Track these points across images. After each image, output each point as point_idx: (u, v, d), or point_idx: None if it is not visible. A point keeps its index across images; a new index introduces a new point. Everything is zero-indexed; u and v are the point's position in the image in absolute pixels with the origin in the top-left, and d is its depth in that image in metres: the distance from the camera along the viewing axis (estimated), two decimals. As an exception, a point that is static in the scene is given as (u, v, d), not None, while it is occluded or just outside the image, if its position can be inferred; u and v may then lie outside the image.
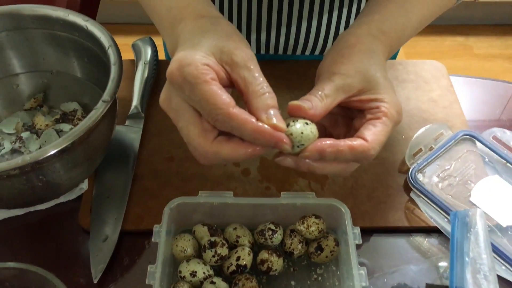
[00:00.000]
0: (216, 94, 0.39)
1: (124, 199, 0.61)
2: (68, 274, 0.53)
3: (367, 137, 0.43)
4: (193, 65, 0.40)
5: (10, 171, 0.48)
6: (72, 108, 0.68)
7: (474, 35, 2.29)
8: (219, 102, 0.39)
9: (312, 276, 0.56)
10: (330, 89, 0.44)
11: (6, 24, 0.62)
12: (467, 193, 0.62)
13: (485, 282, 0.48)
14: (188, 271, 0.52)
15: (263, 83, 0.41)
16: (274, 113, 0.41)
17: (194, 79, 0.40)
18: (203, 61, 0.40)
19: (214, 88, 0.39)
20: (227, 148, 0.41)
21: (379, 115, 0.44)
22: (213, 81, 0.40)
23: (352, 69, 0.45)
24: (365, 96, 0.45)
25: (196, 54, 0.41)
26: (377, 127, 0.43)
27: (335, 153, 0.42)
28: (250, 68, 0.41)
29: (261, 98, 0.41)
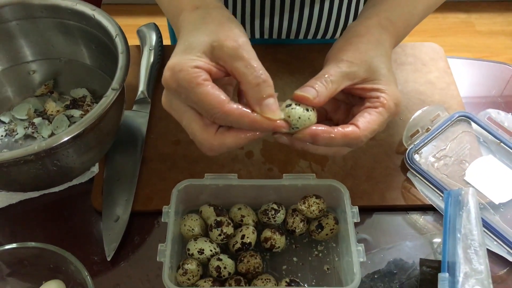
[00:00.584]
0: (210, 94, 0.41)
1: (134, 181, 0.63)
2: (82, 252, 0.56)
3: (359, 124, 0.44)
4: (184, 71, 0.42)
5: (26, 157, 0.51)
6: (81, 94, 0.70)
7: (476, 12, 2.28)
8: (214, 101, 0.41)
9: (313, 253, 0.59)
10: (336, 75, 0.46)
11: (17, 13, 0.64)
12: (462, 172, 0.65)
13: (475, 256, 0.51)
14: (196, 249, 0.55)
15: (256, 72, 0.42)
16: (267, 104, 0.42)
17: (187, 84, 0.41)
18: (193, 64, 0.42)
19: (207, 89, 0.41)
20: (229, 137, 0.44)
21: (377, 105, 0.46)
22: (206, 82, 0.42)
23: (359, 58, 0.47)
24: (367, 85, 0.47)
25: (186, 59, 0.42)
26: (372, 115, 0.45)
27: (327, 139, 0.44)
28: (242, 57, 0.42)
29: (254, 89, 0.42)
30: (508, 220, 0.60)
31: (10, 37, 0.66)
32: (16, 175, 0.55)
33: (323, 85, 0.45)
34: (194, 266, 0.54)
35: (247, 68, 0.42)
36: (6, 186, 0.59)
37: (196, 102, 0.42)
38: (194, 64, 0.42)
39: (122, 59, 0.58)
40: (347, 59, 0.46)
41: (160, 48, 0.76)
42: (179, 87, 0.42)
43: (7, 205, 0.62)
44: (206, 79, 0.42)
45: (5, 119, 0.69)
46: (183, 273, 0.54)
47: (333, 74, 0.46)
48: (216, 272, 0.54)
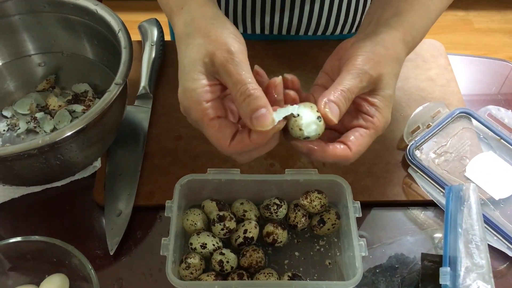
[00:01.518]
0: (214, 136, 0.44)
1: (136, 176, 0.64)
2: (85, 247, 0.56)
3: (352, 147, 0.45)
4: (193, 109, 0.44)
5: (30, 151, 0.51)
6: (83, 89, 0.70)
7: (474, 10, 2.29)
8: (220, 142, 0.44)
9: (315, 247, 0.59)
10: (356, 91, 0.45)
11: (20, 7, 0.64)
12: (462, 168, 0.65)
13: (476, 251, 0.51)
14: (199, 243, 0.56)
15: (243, 86, 0.42)
16: (256, 117, 0.42)
17: (198, 122, 0.45)
18: (201, 99, 0.44)
19: (212, 132, 0.44)
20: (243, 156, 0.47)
21: (369, 125, 0.46)
22: (214, 120, 0.44)
23: (378, 72, 0.46)
24: (368, 97, 0.47)
25: (192, 92, 0.44)
26: (364, 138, 0.46)
27: (320, 156, 0.45)
28: (230, 72, 0.43)
29: (241, 106, 0.43)
30: (508, 215, 0.61)
31: (13, 31, 0.66)
32: (19, 169, 0.56)
33: (345, 104, 0.45)
34: (197, 260, 0.54)
35: (234, 85, 0.43)
36: (9, 180, 0.59)
37: (206, 136, 0.46)
38: (199, 99, 0.44)
39: (125, 54, 0.58)
40: (369, 71, 0.46)
41: (161, 43, 0.76)
42: (192, 121, 0.46)
43: (9, 199, 0.62)
44: (212, 118, 0.44)
45: (7, 114, 0.69)
46: (186, 267, 0.54)
47: (354, 90, 0.45)
48: (219, 266, 0.54)
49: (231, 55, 0.43)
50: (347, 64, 0.46)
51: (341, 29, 0.84)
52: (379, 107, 0.47)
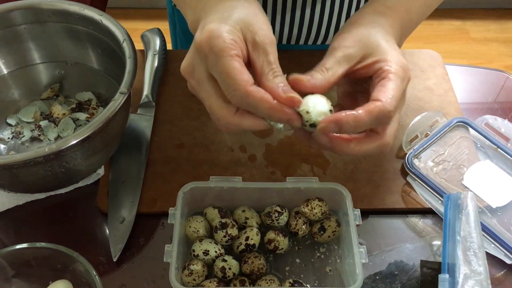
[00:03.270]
0: (237, 70, 0.41)
1: (139, 184, 0.64)
2: (88, 253, 0.56)
3: (380, 97, 0.43)
4: (221, 38, 0.42)
5: (36, 159, 0.52)
6: (87, 98, 0.71)
7: (471, 19, 2.31)
8: (239, 78, 0.41)
9: (316, 254, 0.60)
10: (330, 61, 0.45)
11: (26, 17, 0.65)
12: (460, 177, 0.66)
13: (474, 258, 0.52)
14: (201, 250, 0.56)
15: (277, 69, 0.43)
16: (288, 89, 0.43)
17: (220, 52, 0.42)
18: (231, 37, 0.42)
19: (236, 64, 0.41)
20: (248, 121, 0.44)
21: (384, 75, 0.44)
22: (237, 57, 0.42)
23: (351, 40, 0.46)
24: (368, 61, 0.46)
25: (226, 28, 0.43)
26: (386, 85, 0.44)
27: (353, 120, 0.42)
28: (268, 51, 0.43)
29: (274, 79, 0.43)
30: (505, 223, 0.62)
31: (19, 41, 0.67)
32: (25, 176, 0.56)
33: (318, 73, 0.45)
34: (200, 266, 0.55)
35: (269, 62, 0.43)
36: (14, 188, 0.60)
37: (220, 73, 0.42)
38: (232, 37, 0.42)
39: (130, 63, 0.59)
40: (339, 45, 0.46)
41: (164, 52, 0.77)
42: (211, 52, 0.42)
43: (14, 206, 0.63)
44: (238, 54, 0.42)
45: (12, 122, 0.69)
46: (189, 274, 0.55)
47: (328, 62, 0.45)
48: (221, 273, 0.55)
49: (271, 41, 0.44)
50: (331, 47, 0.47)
51: (332, 39, 0.85)
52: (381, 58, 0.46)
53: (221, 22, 0.44)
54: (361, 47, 0.46)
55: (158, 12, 0.53)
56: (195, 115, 0.73)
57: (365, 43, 0.46)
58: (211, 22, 0.44)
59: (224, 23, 0.43)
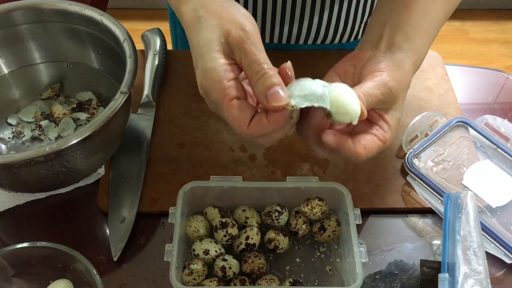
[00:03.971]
0: (234, 117, 0.44)
1: (139, 183, 0.65)
2: (89, 253, 0.56)
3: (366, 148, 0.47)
4: (213, 90, 0.44)
5: (37, 158, 0.52)
6: (87, 98, 0.71)
7: (470, 20, 2.31)
8: (236, 124, 0.44)
9: (316, 254, 0.60)
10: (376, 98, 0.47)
11: (27, 17, 0.65)
12: (459, 176, 0.66)
13: (474, 257, 0.52)
14: (202, 249, 0.56)
15: (259, 65, 0.43)
16: (270, 94, 0.43)
17: (219, 104, 0.45)
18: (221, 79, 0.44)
19: (232, 111, 0.44)
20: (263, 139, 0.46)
21: (381, 138, 0.48)
22: (232, 102, 0.44)
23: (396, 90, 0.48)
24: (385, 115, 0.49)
25: (212, 73, 0.44)
26: (374, 145, 0.48)
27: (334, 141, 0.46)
28: (245, 51, 0.44)
29: (258, 84, 0.43)
30: (505, 223, 0.62)
31: (19, 40, 0.67)
32: (25, 176, 0.56)
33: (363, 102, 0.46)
34: (200, 266, 0.55)
35: (250, 64, 0.44)
36: (14, 187, 0.60)
37: (223, 115, 0.45)
38: (219, 77, 0.44)
39: (130, 63, 0.59)
40: (391, 88, 0.48)
41: (164, 52, 0.77)
42: (213, 104, 0.46)
43: (14, 206, 0.63)
44: (233, 97, 0.44)
45: (12, 121, 0.70)
46: (189, 273, 0.55)
47: (374, 97, 0.47)
48: (222, 272, 0.55)
49: (246, 34, 0.44)
50: (372, 75, 0.48)
51: (340, 38, 0.85)
52: (391, 126, 0.49)
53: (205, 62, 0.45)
54: (392, 101, 0.49)
55: (159, 13, 0.53)
56: (196, 115, 0.73)
57: (397, 101, 0.49)
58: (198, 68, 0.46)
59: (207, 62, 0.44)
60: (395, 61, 0.50)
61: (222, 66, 0.44)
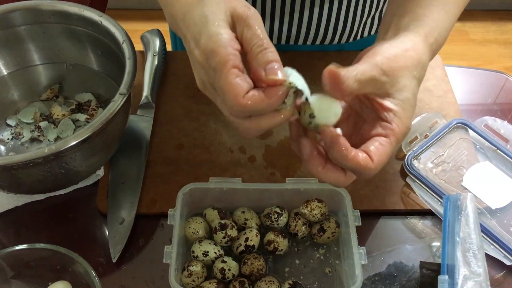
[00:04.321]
0: (232, 85, 0.41)
1: (138, 184, 0.64)
2: (88, 254, 0.56)
3: (373, 157, 0.43)
4: (216, 53, 0.42)
5: (36, 160, 0.52)
6: (86, 99, 0.71)
7: (470, 21, 2.31)
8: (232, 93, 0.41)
9: (315, 256, 0.60)
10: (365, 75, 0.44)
11: (26, 18, 0.65)
12: (459, 178, 0.66)
13: (473, 259, 0.52)
14: (201, 251, 0.56)
15: (262, 40, 0.42)
16: (270, 67, 0.41)
17: (219, 69, 0.42)
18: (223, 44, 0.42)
19: (231, 79, 0.41)
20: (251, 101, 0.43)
21: (388, 133, 0.44)
22: (232, 70, 0.42)
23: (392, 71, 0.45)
24: (386, 103, 0.45)
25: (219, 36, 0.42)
26: (384, 147, 0.44)
27: (341, 153, 0.42)
28: (250, 25, 0.43)
29: (258, 56, 0.42)
30: (505, 224, 0.62)
31: (18, 41, 0.67)
32: (25, 177, 0.56)
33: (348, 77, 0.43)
34: (199, 268, 0.55)
35: (252, 38, 0.43)
36: (13, 189, 0.60)
37: (221, 89, 0.43)
38: (225, 42, 0.42)
39: (130, 64, 0.59)
40: (382, 66, 0.45)
41: (163, 53, 0.77)
42: (210, 69, 0.44)
43: (13, 207, 0.63)
44: (234, 65, 0.42)
45: (11, 123, 0.70)
46: (188, 275, 0.55)
47: (362, 73, 0.44)
48: (221, 274, 0.55)
49: (251, 12, 0.43)
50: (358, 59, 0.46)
51: (339, 39, 0.85)
52: (397, 112, 0.45)
53: (212, 27, 0.43)
54: (393, 84, 0.45)
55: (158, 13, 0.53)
56: (195, 116, 0.73)
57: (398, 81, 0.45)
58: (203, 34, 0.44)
59: (214, 27, 0.43)
60: (392, 42, 0.47)
61: (229, 34, 0.43)
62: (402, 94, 0.45)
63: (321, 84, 0.45)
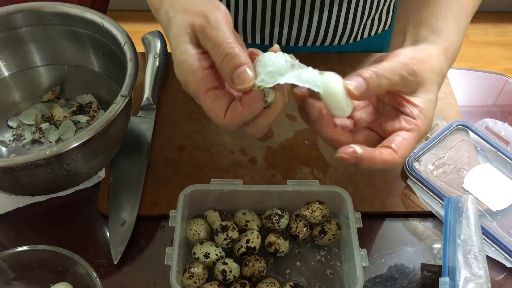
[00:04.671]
0: (210, 109, 0.43)
1: (139, 186, 0.64)
2: (89, 255, 0.56)
3: (397, 151, 0.44)
4: (189, 82, 0.44)
5: (38, 161, 0.52)
6: (87, 100, 0.71)
7: (470, 23, 2.29)
8: (213, 115, 0.43)
9: (316, 257, 0.60)
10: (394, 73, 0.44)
11: (28, 20, 0.65)
12: (460, 180, 0.66)
13: (475, 261, 0.52)
14: (202, 252, 0.56)
15: (221, 46, 0.42)
16: (236, 76, 0.41)
17: (196, 96, 0.44)
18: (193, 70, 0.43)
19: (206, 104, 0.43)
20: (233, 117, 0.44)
21: (412, 128, 0.45)
22: (207, 94, 0.43)
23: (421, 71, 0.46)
24: (411, 98, 0.46)
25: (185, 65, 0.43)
26: (408, 141, 0.45)
27: (369, 163, 0.44)
28: (208, 36, 0.43)
29: (222, 66, 0.42)
30: (505, 226, 0.62)
31: (20, 43, 0.67)
32: (26, 179, 0.56)
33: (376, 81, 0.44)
34: (200, 269, 0.55)
35: (213, 47, 0.43)
36: (15, 190, 0.60)
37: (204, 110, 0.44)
38: (192, 69, 0.43)
39: (131, 66, 0.59)
40: (412, 65, 0.45)
41: (164, 55, 0.77)
42: (193, 95, 0.45)
43: (14, 209, 0.63)
44: (208, 89, 0.43)
45: (12, 124, 0.70)
46: (190, 277, 0.55)
47: (390, 72, 0.44)
48: (222, 276, 0.55)
49: (207, 20, 0.43)
50: (392, 56, 0.46)
51: (339, 40, 0.85)
52: (423, 109, 0.46)
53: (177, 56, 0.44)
54: (420, 84, 0.46)
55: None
56: (196, 118, 0.73)
57: (424, 82, 0.46)
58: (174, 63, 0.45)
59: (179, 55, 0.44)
60: (416, 47, 0.48)
61: (193, 56, 0.43)
62: (428, 94, 0.47)
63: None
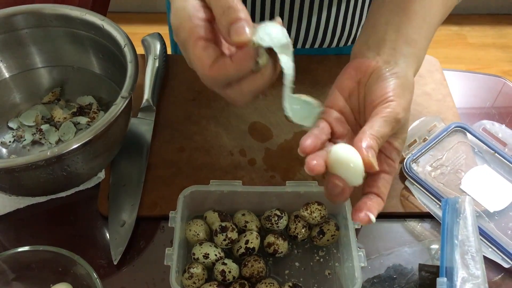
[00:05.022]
0: (197, 56, 0.42)
1: (139, 187, 0.65)
2: (89, 256, 0.56)
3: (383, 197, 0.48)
4: (182, 28, 0.43)
5: (38, 162, 0.52)
6: (87, 102, 0.72)
7: (468, 25, 2.32)
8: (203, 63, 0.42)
9: (315, 258, 0.61)
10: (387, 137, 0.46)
11: (29, 21, 0.65)
12: (457, 181, 0.67)
13: (472, 262, 0.53)
14: (201, 253, 0.57)
15: (222, 2, 0.41)
16: (234, 28, 0.40)
17: (186, 43, 0.43)
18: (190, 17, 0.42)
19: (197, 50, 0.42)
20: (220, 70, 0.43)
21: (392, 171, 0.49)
22: (198, 41, 0.42)
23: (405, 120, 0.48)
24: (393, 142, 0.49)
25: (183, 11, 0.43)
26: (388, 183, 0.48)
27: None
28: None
29: (221, 18, 0.41)
30: (503, 227, 0.63)
31: (21, 45, 0.67)
32: (26, 180, 0.57)
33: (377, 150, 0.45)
34: (200, 270, 0.55)
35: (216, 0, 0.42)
36: (15, 191, 0.60)
37: (190, 63, 0.44)
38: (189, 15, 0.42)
39: (131, 68, 0.59)
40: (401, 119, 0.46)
41: (164, 57, 0.78)
42: (182, 44, 0.45)
43: (14, 210, 0.63)
44: (199, 37, 0.42)
45: (13, 125, 0.70)
46: (189, 277, 0.55)
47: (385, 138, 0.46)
48: (221, 276, 0.56)
49: None
50: (381, 109, 0.46)
51: (337, 42, 0.86)
52: (399, 151, 0.49)
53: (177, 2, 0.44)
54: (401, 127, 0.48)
55: (159, 17, 0.53)
56: (196, 119, 0.73)
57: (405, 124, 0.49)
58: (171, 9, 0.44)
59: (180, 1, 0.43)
60: (401, 79, 0.48)
61: (193, 5, 0.43)
62: (403, 134, 0.49)
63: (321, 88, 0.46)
